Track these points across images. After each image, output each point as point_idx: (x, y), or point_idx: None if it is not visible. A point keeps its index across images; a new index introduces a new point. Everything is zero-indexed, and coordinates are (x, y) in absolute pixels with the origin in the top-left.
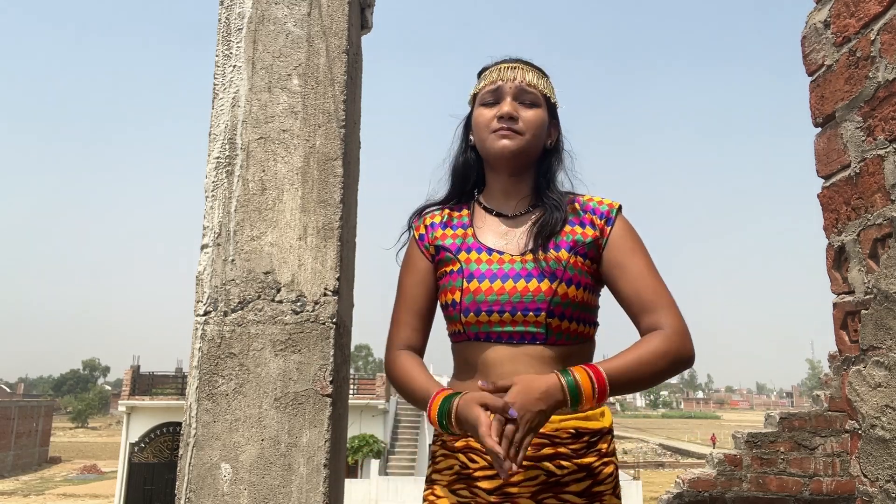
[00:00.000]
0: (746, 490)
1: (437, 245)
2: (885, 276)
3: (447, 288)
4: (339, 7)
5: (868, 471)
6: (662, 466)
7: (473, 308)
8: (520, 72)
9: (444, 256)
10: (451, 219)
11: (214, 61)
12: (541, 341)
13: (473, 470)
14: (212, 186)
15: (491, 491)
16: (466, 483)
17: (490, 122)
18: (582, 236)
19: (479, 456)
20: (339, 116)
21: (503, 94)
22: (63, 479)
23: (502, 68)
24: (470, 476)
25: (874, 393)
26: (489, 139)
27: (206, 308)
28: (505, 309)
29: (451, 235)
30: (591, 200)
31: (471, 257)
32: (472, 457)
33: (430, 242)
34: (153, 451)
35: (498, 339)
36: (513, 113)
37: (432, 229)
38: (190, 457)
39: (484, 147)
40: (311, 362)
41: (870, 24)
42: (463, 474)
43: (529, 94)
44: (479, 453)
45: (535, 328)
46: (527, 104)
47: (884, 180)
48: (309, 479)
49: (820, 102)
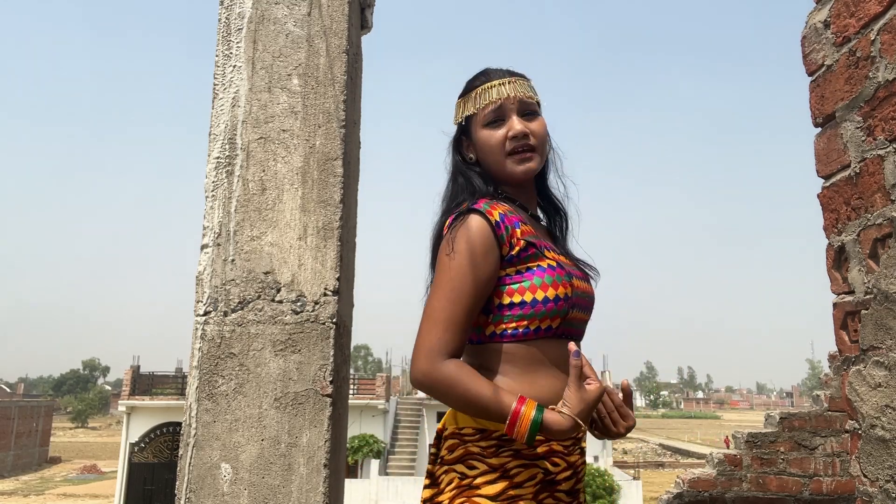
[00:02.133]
0: (746, 490)
1: (527, 240)
2: (885, 276)
3: (554, 281)
4: (339, 7)
5: (868, 471)
6: (662, 466)
7: (577, 304)
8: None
9: (533, 252)
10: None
11: (214, 61)
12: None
13: (556, 474)
14: (212, 186)
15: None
16: (550, 490)
17: (503, 143)
18: None
19: (561, 458)
20: (339, 116)
21: (507, 112)
22: (63, 479)
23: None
24: (553, 481)
25: (874, 393)
26: (508, 164)
27: (207, 308)
28: (589, 306)
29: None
30: None
31: (552, 255)
32: (556, 461)
33: (512, 235)
34: (153, 451)
35: (572, 335)
36: (525, 131)
37: (508, 220)
38: (190, 457)
39: (502, 171)
40: (311, 362)
41: (870, 24)
42: (546, 481)
43: (529, 106)
44: (562, 456)
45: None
46: (529, 116)
47: (884, 180)
48: (309, 479)
49: (820, 102)
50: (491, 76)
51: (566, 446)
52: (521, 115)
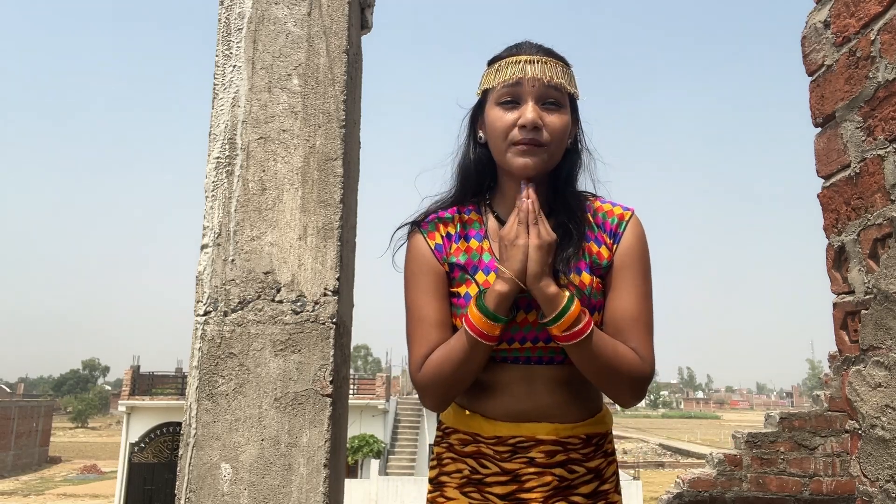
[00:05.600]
0: (746, 490)
1: (452, 262)
2: (885, 276)
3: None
4: (339, 7)
5: (868, 471)
6: (662, 466)
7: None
8: (542, 66)
9: (458, 276)
10: (464, 227)
11: (214, 61)
12: (559, 362)
13: (484, 476)
14: (212, 186)
15: (503, 496)
16: (478, 487)
17: (509, 129)
18: (598, 257)
19: (491, 462)
20: (339, 116)
21: (524, 94)
22: (63, 479)
23: (523, 62)
24: (481, 481)
25: (874, 393)
26: (509, 153)
27: (206, 308)
28: (527, 338)
29: (464, 249)
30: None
31: (489, 280)
32: (484, 462)
33: (446, 255)
34: (153, 451)
35: (514, 361)
36: (537, 121)
37: (449, 241)
38: (190, 457)
39: (502, 159)
40: (311, 362)
41: (870, 24)
42: (473, 479)
43: (554, 94)
44: (490, 459)
45: (555, 353)
46: (550, 106)
47: (884, 180)
48: (309, 479)
49: (820, 102)
50: (521, 50)
51: (499, 452)
52: (540, 102)
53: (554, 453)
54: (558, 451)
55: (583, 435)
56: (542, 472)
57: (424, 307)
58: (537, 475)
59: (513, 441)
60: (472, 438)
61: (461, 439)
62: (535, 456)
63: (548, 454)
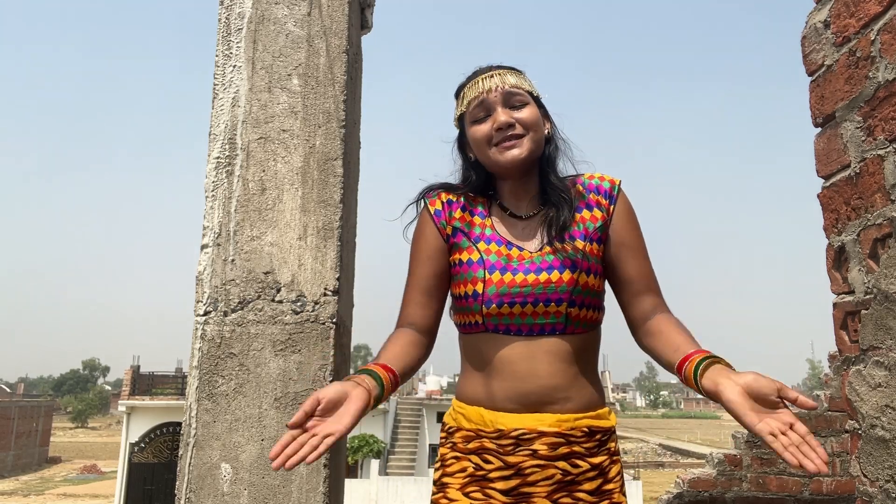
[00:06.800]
0: (746, 490)
1: (455, 226)
2: (885, 276)
3: (465, 279)
4: (339, 7)
5: (868, 471)
6: (662, 466)
7: (496, 299)
8: (499, 77)
9: (461, 241)
10: (469, 204)
11: (214, 61)
12: (559, 331)
13: (488, 471)
14: (212, 186)
15: (506, 492)
16: (480, 485)
17: (489, 136)
18: (591, 221)
19: (494, 456)
20: (339, 116)
21: (492, 105)
22: (63, 479)
23: (481, 80)
24: (485, 478)
25: (874, 393)
26: (493, 153)
27: (206, 308)
28: (528, 300)
29: (469, 221)
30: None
31: (490, 248)
32: (487, 457)
33: (446, 221)
34: (153, 451)
35: (518, 331)
36: (509, 120)
37: (450, 207)
38: (190, 457)
39: (491, 161)
40: (311, 362)
41: (870, 24)
42: (477, 476)
43: (516, 96)
44: (494, 454)
45: (556, 318)
46: (517, 106)
47: (884, 180)
48: (309, 479)
49: (820, 102)
50: (476, 73)
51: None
52: (507, 107)
53: (557, 445)
54: (561, 443)
55: (585, 428)
56: (545, 466)
57: (413, 272)
58: (541, 468)
59: (515, 434)
60: (475, 435)
61: (464, 436)
62: (538, 448)
63: (551, 446)
